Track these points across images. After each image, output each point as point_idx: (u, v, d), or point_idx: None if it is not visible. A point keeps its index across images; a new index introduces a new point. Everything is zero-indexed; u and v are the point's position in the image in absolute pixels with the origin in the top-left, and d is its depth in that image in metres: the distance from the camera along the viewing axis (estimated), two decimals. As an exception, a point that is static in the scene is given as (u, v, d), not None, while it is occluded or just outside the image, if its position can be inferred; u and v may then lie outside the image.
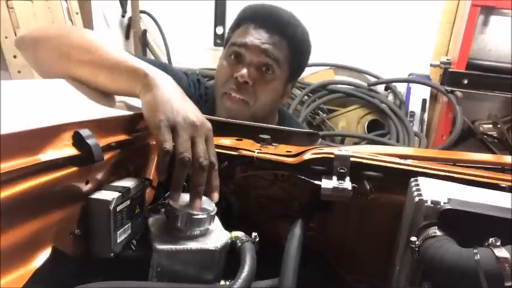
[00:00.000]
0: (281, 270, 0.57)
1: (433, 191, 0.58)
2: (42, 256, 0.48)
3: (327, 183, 0.66)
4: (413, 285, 0.58)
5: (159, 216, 0.63)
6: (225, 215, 0.72)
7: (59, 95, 0.65)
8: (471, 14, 2.46)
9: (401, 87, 2.89)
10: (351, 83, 2.90)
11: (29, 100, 0.56)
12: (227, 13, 2.96)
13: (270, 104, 1.20)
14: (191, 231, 0.58)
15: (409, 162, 0.69)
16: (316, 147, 0.74)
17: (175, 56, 3.03)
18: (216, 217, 0.61)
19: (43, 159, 0.47)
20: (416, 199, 0.58)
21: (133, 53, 2.79)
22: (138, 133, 0.68)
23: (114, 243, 0.55)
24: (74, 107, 0.63)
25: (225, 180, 0.78)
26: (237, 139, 0.80)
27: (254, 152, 0.72)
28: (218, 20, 2.99)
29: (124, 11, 3.03)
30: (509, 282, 0.45)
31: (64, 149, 0.50)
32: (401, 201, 0.66)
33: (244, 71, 1.11)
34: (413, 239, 0.55)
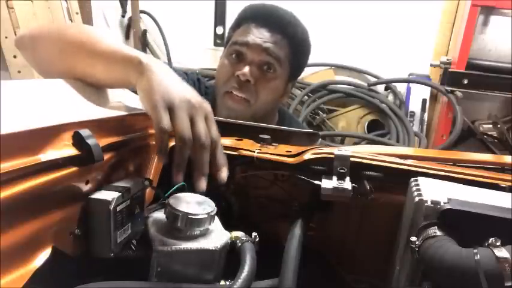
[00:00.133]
0: (281, 270, 0.57)
1: (433, 191, 0.58)
2: (42, 256, 0.48)
3: (327, 183, 0.66)
4: (413, 285, 0.58)
5: (159, 216, 0.63)
6: (225, 215, 0.72)
7: (59, 95, 0.65)
8: (471, 14, 2.46)
9: (401, 87, 2.89)
10: (351, 83, 2.90)
11: (29, 100, 0.56)
12: (227, 13, 2.96)
13: (270, 103, 1.20)
14: (191, 231, 0.58)
15: (409, 162, 0.69)
16: (316, 147, 0.74)
17: (175, 56, 3.03)
18: (216, 217, 0.61)
19: (43, 159, 0.47)
20: (416, 199, 0.58)
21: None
22: (138, 133, 0.68)
23: (114, 243, 0.55)
24: (74, 107, 0.63)
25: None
26: (237, 139, 0.80)
27: (254, 152, 0.72)
28: (218, 20, 2.99)
29: (124, 11, 3.04)
30: (509, 282, 0.45)
31: (64, 149, 0.50)
32: (401, 201, 0.66)
33: (246, 70, 1.11)
34: (413, 239, 0.55)
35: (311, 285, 0.70)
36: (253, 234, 0.62)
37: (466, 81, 2.53)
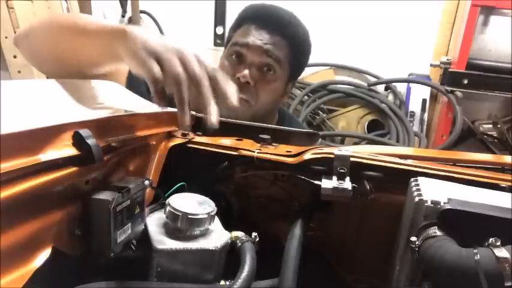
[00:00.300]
0: (281, 270, 0.57)
1: (433, 191, 0.58)
2: (42, 256, 0.48)
3: (327, 183, 0.66)
4: (413, 285, 0.58)
5: (159, 216, 0.63)
6: (225, 215, 0.72)
7: (58, 95, 0.65)
8: (471, 14, 2.46)
9: (401, 87, 2.89)
10: (351, 83, 2.90)
11: (29, 100, 0.57)
12: (227, 13, 2.96)
13: (270, 104, 1.20)
14: (191, 231, 0.58)
15: (409, 162, 0.69)
16: (316, 147, 0.74)
17: (175, 56, 3.02)
18: (216, 217, 0.61)
19: (43, 159, 0.47)
20: (416, 199, 0.58)
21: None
22: (138, 133, 0.68)
23: (114, 243, 0.55)
24: (74, 107, 0.63)
25: (225, 180, 0.79)
26: (237, 139, 0.80)
27: (254, 152, 0.72)
28: (218, 20, 2.99)
29: (124, 11, 3.03)
30: (509, 282, 0.45)
31: (64, 149, 0.50)
32: (401, 201, 0.66)
33: (246, 72, 1.11)
34: (413, 239, 0.55)
35: (311, 285, 0.69)
36: (253, 234, 0.62)
37: (466, 81, 2.53)
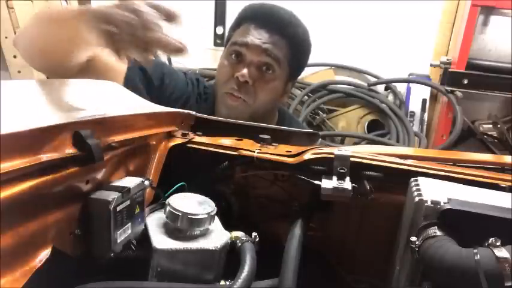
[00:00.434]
0: (281, 270, 0.57)
1: (433, 191, 0.58)
2: (42, 256, 0.48)
3: (327, 183, 0.66)
4: (413, 285, 0.58)
5: (159, 216, 0.63)
6: (225, 215, 0.72)
7: (58, 95, 0.65)
8: (471, 14, 2.46)
9: (401, 87, 2.88)
10: (351, 83, 2.90)
11: (29, 100, 0.57)
12: (227, 13, 2.96)
13: (270, 103, 1.20)
14: (191, 231, 0.58)
15: (409, 162, 0.69)
16: (316, 147, 0.74)
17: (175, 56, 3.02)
18: (216, 217, 0.61)
19: (43, 159, 0.47)
20: (416, 199, 0.58)
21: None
22: (138, 133, 0.68)
23: (114, 243, 0.55)
24: (74, 106, 0.63)
25: (225, 180, 0.79)
26: (237, 139, 0.80)
27: (254, 152, 0.72)
28: (218, 20, 2.99)
29: (124, 11, 3.03)
30: (509, 282, 0.45)
31: (64, 149, 0.50)
32: (401, 201, 0.66)
33: (245, 71, 1.11)
34: (413, 239, 0.55)
35: (311, 285, 0.69)
36: (253, 234, 0.62)
37: (466, 81, 2.53)
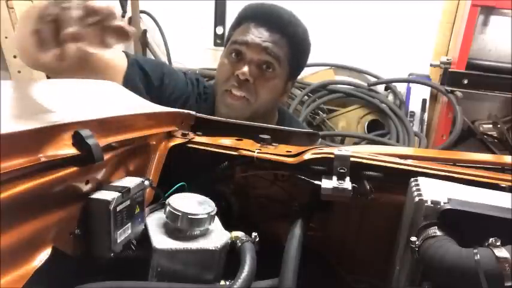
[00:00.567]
0: (281, 270, 0.57)
1: (433, 191, 0.58)
2: (42, 256, 0.48)
3: (327, 183, 0.66)
4: (413, 285, 0.58)
5: (159, 216, 0.63)
6: (225, 215, 0.72)
7: (58, 95, 0.65)
8: (471, 14, 2.46)
9: (401, 87, 2.89)
10: (351, 83, 2.90)
11: (29, 100, 0.57)
12: (227, 13, 2.96)
13: (270, 102, 1.21)
14: (191, 231, 0.58)
15: (409, 162, 0.69)
16: (316, 147, 0.74)
17: (175, 56, 3.02)
18: (216, 217, 0.61)
19: (43, 159, 0.47)
20: (416, 199, 0.58)
21: (134, 52, 2.79)
22: (138, 133, 0.68)
23: (114, 243, 0.55)
24: (74, 107, 0.63)
25: (225, 180, 0.79)
26: (237, 139, 0.80)
27: (254, 152, 0.72)
28: (218, 20, 2.99)
29: (124, 11, 3.03)
30: (509, 282, 0.45)
31: (64, 149, 0.50)
32: (401, 201, 0.66)
33: (245, 69, 1.12)
34: (413, 239, 0.55)
35: (311, 285, 0.69)
36: (253, 234, 0.62)
37: (466, 81, 2.53)
